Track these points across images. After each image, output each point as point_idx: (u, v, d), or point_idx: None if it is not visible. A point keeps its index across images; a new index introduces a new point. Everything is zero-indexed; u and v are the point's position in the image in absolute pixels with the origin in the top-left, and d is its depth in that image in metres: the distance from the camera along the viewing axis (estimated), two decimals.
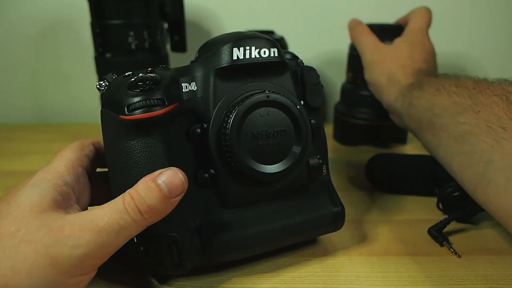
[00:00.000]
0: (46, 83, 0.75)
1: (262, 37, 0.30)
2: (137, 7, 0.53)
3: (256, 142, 0.28)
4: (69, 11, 0.70)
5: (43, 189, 0.25)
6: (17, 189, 0.26)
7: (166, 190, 0.24)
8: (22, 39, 0.72)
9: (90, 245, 0.23)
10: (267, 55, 0.29)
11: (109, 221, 0.23)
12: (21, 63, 0.74)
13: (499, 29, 0.71)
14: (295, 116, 0.29)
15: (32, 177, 0.26)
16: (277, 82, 0.30)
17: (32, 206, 0.24)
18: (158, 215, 0.25)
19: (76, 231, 0.23)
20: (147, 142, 0.26)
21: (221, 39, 0.30)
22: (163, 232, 0.27)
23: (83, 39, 0.68)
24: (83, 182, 0.29)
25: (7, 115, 0.76)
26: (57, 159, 0.28)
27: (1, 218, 0.23)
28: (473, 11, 0.70)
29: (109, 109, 0.27)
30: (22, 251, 0.22)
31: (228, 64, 0.28)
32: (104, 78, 0.29)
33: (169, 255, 0.27)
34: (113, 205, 0.24)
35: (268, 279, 0.31)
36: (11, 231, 0.23)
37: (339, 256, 0.33)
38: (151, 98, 0.26)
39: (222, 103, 0.29)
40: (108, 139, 0.28)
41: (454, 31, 0.71)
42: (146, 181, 0.24)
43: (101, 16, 0.53)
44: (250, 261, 0.32)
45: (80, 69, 0.73)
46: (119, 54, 0.54)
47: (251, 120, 0.28)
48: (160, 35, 0.56)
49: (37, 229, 0.23)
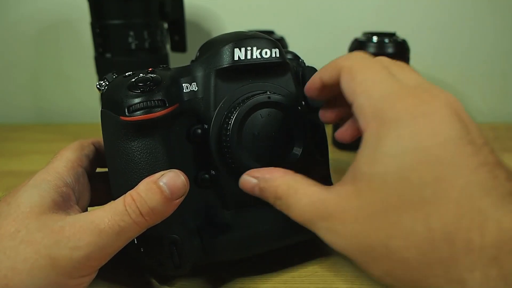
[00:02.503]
0: (46, 83, 0.75)
1: (264, 37, 0.30)
2: (137, 7, 0.53)
3: (257, 143, 0.28)
4: (69, 11, 0.70)
5: (43, 190, 0.25)
6: (17, 189, 0.25)
7: (168, 192, 0.24)
8: (22, 39, 0.72)
9: (90, 247, 0.23)
10: (269, 56, 0.29)
11: (110, 222, 0.23)
12: (21, 63, 0.74)
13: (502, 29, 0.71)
14: (296, 117, 0.29)
15: (32, 178, 0.26)
16: (278, 82, 0.30)
17: (32, 207, 0.24)
18: (159, 216, 0.25)
19: (76, 232, 0.23)
20: (148, 143, 0.26)
21: (222, 39, 0.30)
22: (164, 233, 0.27)
23: (83, 39, 0.68)
24: (83, 183, 0.29)
25: (7, 115, 0.76)
26: (57, 159, 0.28)
27: (1, 218, 0.23)
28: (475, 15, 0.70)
29: (110, 109, 0.27)
30: (23, 252, 0.22)
31: (229, 64, 0.28)
32: (104, 78, 0.28)
33: (169, 256, 0.27)
34: (113, 207, 0.24)
35: (268, 279, 0.31)
36: (11, 231, 0.23)
37: (339, 256, 0.33)
38: (152, 99, 0.26)
39: (223, 104, 0.28)
40: (108, 140, 0.28)
41: (454, 31, 0.71)
42: (147, 183, 0.24)
43: (101, 16, 0.53)
44: (250, 261, 0.32)
45: (80, 69, 0.73)
46: (119, 54, 0.54)
47: (252, 121, 0.28)
48: (160, 35, 0.56)
49: (37, 230, 0.23)
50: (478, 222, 0.18)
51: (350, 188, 0.21)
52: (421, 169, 0.19)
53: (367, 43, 0.55)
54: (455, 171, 0.19)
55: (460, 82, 0.73)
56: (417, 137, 0.20)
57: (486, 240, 0.17)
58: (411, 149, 0.19)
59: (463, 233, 0.18)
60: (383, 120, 0.20)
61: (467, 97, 0.74)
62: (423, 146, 0.19)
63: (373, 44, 0.55)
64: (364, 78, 0.22)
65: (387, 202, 0.20)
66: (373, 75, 0.22)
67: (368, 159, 0.21)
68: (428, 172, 0.19)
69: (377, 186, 0.20)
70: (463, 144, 0.19)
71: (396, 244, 0.19)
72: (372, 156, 0.20)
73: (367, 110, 0.21)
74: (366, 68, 0.23)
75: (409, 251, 0.19)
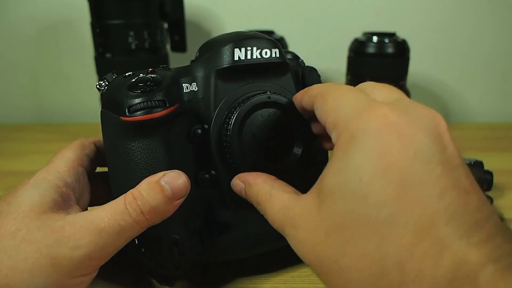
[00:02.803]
0: (46, 83, 0.75)
1: (264, 37, 0.30)
2: (137, 7, 0.53)
3: (257, 143, 0.28)
4: (69, 11, 0.70)
5: (43, 190, 0.25)
6: (17, 188, 0.25)
7: (169, 192, 0.24)
8: (22, 39, 0.72)
9: (90, 246, 0.23)
10: (269, 56, 0.29)
11: (110, 222, 0.23)
12: (21, 63, 0.74)
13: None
14: (296, 117, 0.29)
15: (32, 177, 0.26)
16: (278, 82, 0.30)
17: (33, 207, 0.24)
18: (160, 216, 0.25)
19: (76, 231, 0.23)
20: (148, 144, 0.26)
21: (222, 39, 0.30)
22: (164, 234, 0.27)
23: (83, 39, 0.68)
24: (83, 182, 0.29)
25: (7, 115, 0.76)
26: (58, 158, 0.28)
27: (2, 217, 0.23)
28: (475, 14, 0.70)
29: (110, 110, 0.27)
30: (23, 251, 0.22)
31: (230, 64, 0.28)
32: (104, 78, 0.28)
33: (170, 257, 0.27)
34: (113, 206, 0.24)
35: (268, 279, 0.31)
36: (11, 230, 0.23)
37: None
38: (153, 99, 0.26)
39: (223, 104, 0.28)
40: (108, 140, 0.28)
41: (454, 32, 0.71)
42: (149, 182, 0.24)
43: (101, 16, 0.53)
44: (250, 261, 0.32)
45: (80, 69, 0.73)
46: (119, 54, 0.54)
47: (252, 121, 0.28)
48: (160, 35, 0.56)
49: (38, 229, 0.23)
50: (434, 252, 0.16)
51: (315, 199, 0.21)
52: (381, 186, 0.18)
53: (367, 43, 0.55)
54: (418, 192, 0.17)
55: (460, 82, 0.74)
56: (382, 152, 0.18)
57: (439, 273, 0.16)
58: (374, 164, 0.18)
59: (416, 262, 0.17)
60: (352, 133, 0.19)
61: (467, 97, 0.74)
62: (388, 162, 0.18)
63: (373, 44, 0.55)
64: (335, 98, 0.22)
65: (343, 217, 0.19)
66: (345, 93, 0.22)
67: (332, 171, 0.20)
68: (388, 190, 0.18)
69: (336, 200, 0.19)
70: (433, 164, 0.18)
71: (348, 262, 0.18)
72: (336, 168, 0.20)
73: (338, 125, 0.21)
74: (338, 89, 0.22)
75: (359, 272, 0.18)
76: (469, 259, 0.16)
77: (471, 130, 0.69)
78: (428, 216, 0.17)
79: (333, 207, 0.19)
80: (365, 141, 0.19)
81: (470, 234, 0.17)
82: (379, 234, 0.17)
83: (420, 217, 0.17)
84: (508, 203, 0.43)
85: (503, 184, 0.46)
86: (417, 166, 0.18)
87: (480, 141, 0.63)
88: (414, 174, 0.18)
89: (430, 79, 0.73)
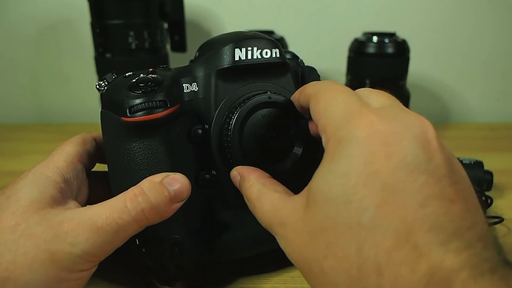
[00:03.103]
0: (46, 83, 0.75)
1: (264, 37, 0.30)
2: (137, 7, 0.53)
3: (257, 143, 0.28)
4: (69, 11, 0.70)
5: (42, 186, 0.25)
6: (15, 182, 0.25)
7: (171, 193, 0.24)
8: (22, 39, 0.72)
9: (88, 243, 0.23)
10: (269, 56, 0.29)
11: (107, 220, 0.23)
12: (21, 63, 0.74)
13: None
14: (297, 117, 0.29)
15: (31, 171, 0.26)
16: (278, 83, 0.30)
17: (32, 202, 0.24)
18: (159, 216, 0.25)
19: (75, 228, 0.23)
20: (149, 144, 0.26)
21: (222, 39, 0.30)
22: (165, 234, 0.27)
23: (83, 39, 0.68)
24: (82, 178, 0.29)
25: (7, 115, 0.76)
26: (58, 153, 0.28)
27: (1, 211, 0.23)
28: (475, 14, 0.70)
29: (110, 110, 0.27)
30: (23, 245, 0.22)
31: (230, 65, 0.28)
32: (104, 78, 0.28)
33: (171, 257, 0.27)
34: (112, 204, 0.24)
35: (268, 279, 0.31)
36: (11, 225, 0.23)
37: None
38: (154, 99, 0.26)
39: (224, 104, 0.28)
40: (109, 141, 0.28)
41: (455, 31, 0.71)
42: (151, 181, 0.24)
43: (101, 16, 0.53)
44: (250, 261, 0.32)
45: (80, 69, 0.73)
46: (119, 54, 0.54)
47: (253, 121, 0.28)
48: (160, 35, 0.56)
49: (37, 224, 0.23)
50: (412, 257, 0.17)
51: (303, 200, 0.21)
52: (364, 192, 0.18)
53: (367, 43, 0.55)
54: (400, 200, 0.18)
55: (460, 82, 0.74)
56: (367, 160, 0.19)
57: (415, 278, 0.16)
58: (359, 171, 0.18)
59: (394, 266, 0.17)
60: (339, 139, 0.20)
61: (467, 97, 0.74)
62: (372, 170, 0.18)
63: (373, 44, 0.55)
64: (327, 100, 0.22)
65: (327, 220, 0.19)
66: (337, 96, 0.22)
67: (319, 175, 0.20)
68: (370, 196, 0.18)
69: (321, 203, 0.19)
70: (417, 172, 0.18)
71: (329, 265, 0.19)
72: (323, 172, 0.20)
73: (328, 129, 0.21)
74: (331, 91, 0.22)
75: (339, 274, 0.18)
76: (445, 265, 0.16)
77: (471, 130, 0.70)
78: (408, 223, 0.17)
79: (318, 210, 0.20)
80: (351, 147, 0.19)
81: (450, 242, 0.17)
82: (359, 238, 0.18)
83: (400, 223, 0.17)
84: (508, 203, 0.43)
85: (503, 184, 0.46)
86: (400, 174, 0.18)
87: (480, 141, 0.64)
88: (397, 182, 0.18)
89: (430, 79, 0.73)
